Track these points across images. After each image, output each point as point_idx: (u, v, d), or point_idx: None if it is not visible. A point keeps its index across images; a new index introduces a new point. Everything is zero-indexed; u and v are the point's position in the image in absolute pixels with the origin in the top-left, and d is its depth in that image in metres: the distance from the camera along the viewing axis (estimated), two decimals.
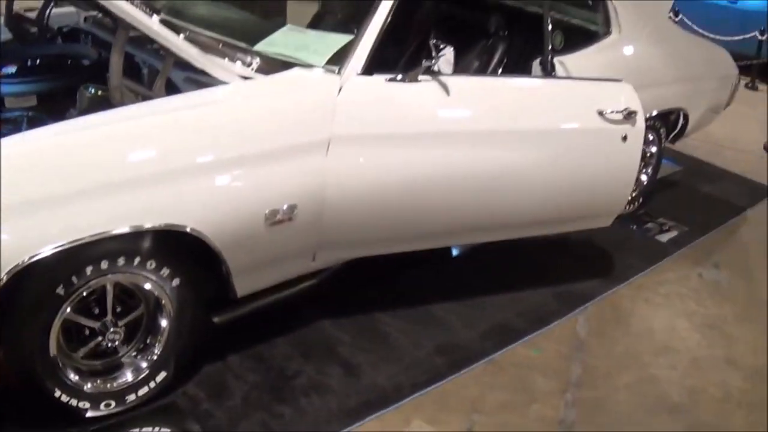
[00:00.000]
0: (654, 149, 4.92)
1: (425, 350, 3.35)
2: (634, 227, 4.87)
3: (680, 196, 5.56)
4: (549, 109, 3.48)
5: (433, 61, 3.03)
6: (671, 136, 5.07)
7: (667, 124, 4.91)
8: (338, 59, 3.00)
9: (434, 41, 3.06)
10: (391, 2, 3.08)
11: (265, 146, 2.74)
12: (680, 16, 9.46)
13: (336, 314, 3.49)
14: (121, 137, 2.55)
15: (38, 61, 3.36)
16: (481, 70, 4.11)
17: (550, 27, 3.74)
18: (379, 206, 3.06)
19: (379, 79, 3.02)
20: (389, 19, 3.09)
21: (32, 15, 3.80)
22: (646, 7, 4.65)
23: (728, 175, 6.14)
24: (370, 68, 3.01)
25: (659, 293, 4.12)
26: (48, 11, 3.68)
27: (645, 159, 4.92)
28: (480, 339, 3.49)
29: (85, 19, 3.71)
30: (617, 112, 3.53)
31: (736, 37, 9.06)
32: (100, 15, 3.52)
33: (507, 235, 3.64)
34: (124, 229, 2.47)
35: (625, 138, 3.55)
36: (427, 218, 3.26)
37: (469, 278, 4.00)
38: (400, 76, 3.03)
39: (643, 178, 4.97)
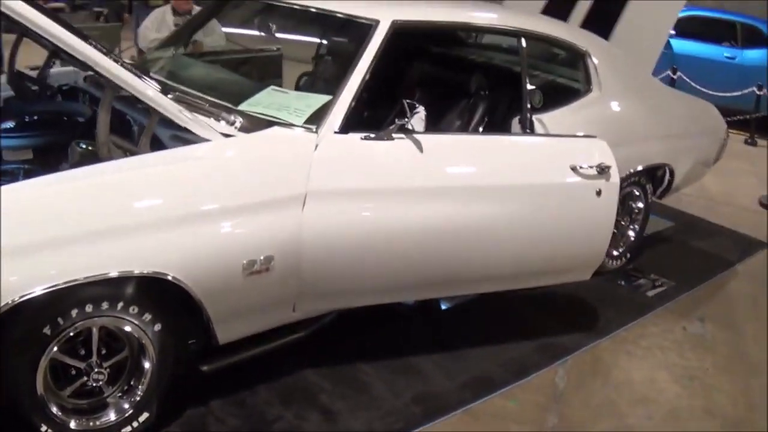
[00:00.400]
0: (641, 205, 5.02)
1: (403, 399, 3.44)
2: (623, 282, 4.95)
3: (670, 251, 5.65)
4: (522, 164, 3.61)
5: (406, 120, 3.18)
6: (659, 191, 5.17)
7: (653, 179, 5.03)
8: (317, 118, 3.17)
9: (407, 101, 3.20)
10: (367, 65, 3.27)
11: (243, 200, 2.89)
12: (678, 73, 9.65)
13: (319, 363, 3.59)
14: (108, 189, 2.73)
15: (36, 117, 3.55)
16: (463, 129, 4.26)
17: (528, 86, 3.90)
18: (355, 259, 3.18)
19: (355, 137, 3.18)
20: (367, 80, 3.28)
21: (34, 73, 4.02)
22: (628, 64, 4.80)
23: (721, 230, 6.23)
24: (347, 127, 3.17)
25: (641, 346, 4.19)
26: (49, 70, 3.90)
27: (632, 214, 5.03)
28: (458, 389, 3.57)
29: (84, 78, 3.91)
30: (590, 167, 3.66)
31: (735, 93, 9.22)
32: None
33: (483, 288, 3.74)
34: (112, 273, 2.63)
35: (599, 192, 3.67)
36: (401, 271, 3.37)
37: (453, 331, 4.09)
38: (373, 135, 3.19)
39: (631, 233, 5.07)
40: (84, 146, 3.11)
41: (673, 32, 10.21)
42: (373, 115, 4.07)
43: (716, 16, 10.97)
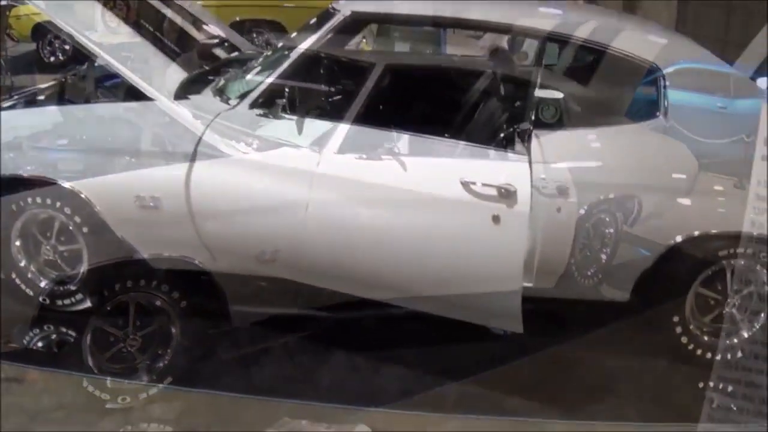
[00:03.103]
0: None
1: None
2: None
3: None
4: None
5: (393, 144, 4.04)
6: None
7: None
8: (320, 141, 4.09)
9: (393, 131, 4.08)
10: (361, 103, 4.21)
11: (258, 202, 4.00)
12: None
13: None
14: None
15: None
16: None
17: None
18: (344, 252, 4.10)
19: (350, 157, 4.07)
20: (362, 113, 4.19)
21: None
22: None
23: None
24: (344, 149, 4.07)
25: None
26: None
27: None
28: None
29: None
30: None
31: None
32: None
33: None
34: None
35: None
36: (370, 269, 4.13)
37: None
38: (362, 155, 4.05)
39: None
40: None
41: None
42: None
43: None
